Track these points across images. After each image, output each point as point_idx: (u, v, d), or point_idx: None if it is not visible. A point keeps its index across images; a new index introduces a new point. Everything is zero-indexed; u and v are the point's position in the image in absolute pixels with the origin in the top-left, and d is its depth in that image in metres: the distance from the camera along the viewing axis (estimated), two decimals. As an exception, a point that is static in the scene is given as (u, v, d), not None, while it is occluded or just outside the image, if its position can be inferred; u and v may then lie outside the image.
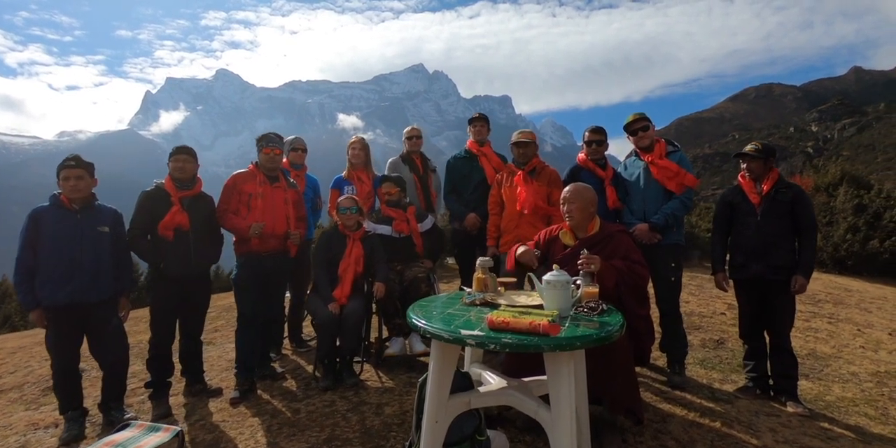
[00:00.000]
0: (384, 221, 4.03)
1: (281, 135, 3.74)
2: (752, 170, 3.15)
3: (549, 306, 2.07)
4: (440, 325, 1.91)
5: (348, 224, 3.67)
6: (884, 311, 6.82)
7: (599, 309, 2.11)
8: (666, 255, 3.40)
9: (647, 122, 3.52)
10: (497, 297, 2.33)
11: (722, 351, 4.24)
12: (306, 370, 3.84)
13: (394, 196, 4.02)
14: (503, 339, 1.75)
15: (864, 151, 65.80)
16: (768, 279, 3.06)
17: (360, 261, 3.63)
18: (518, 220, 3.62)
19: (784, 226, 3.05)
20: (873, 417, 3.01)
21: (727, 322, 5.16)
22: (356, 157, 4.44)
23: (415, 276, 3.72)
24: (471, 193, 4.15)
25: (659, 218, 3.37)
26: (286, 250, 3.62)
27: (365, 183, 4.42)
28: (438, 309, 2.21)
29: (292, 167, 4.37)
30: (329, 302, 3.42)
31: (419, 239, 4.06)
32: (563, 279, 2.04)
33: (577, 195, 2.77)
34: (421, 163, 4.60)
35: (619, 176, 3.68)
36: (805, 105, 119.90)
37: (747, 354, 3.28)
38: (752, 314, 3.21)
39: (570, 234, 2.84)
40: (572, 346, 1.74)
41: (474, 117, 4.30)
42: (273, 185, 3.58)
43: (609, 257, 2.60)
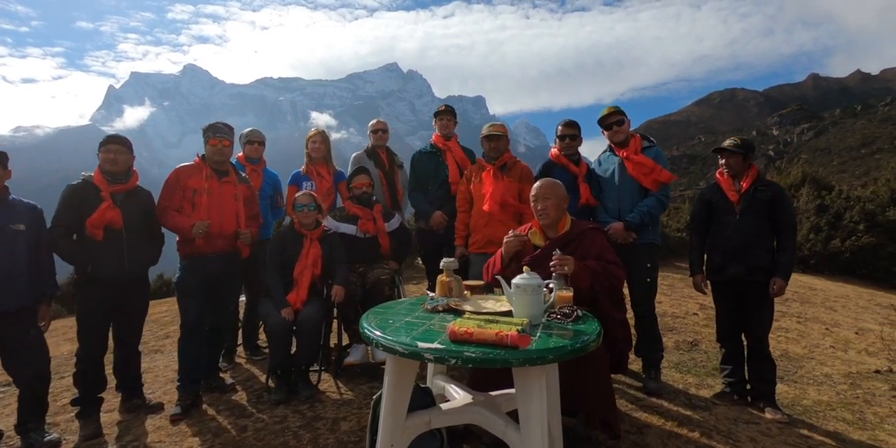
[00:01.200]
0: (348, 220, 3.76)
1: (231, 126, 3.42)
2: (731, 166, 3.02)
3: (518, 313, 1.85)
4: (395, 337, 1.67)
5: (305, 222, 3.39)
6: (848, 309, 6.92)
7: (574, 315, 1.90)
8: (641, 256, 3.24)
9: (622, 116, 3.36)
10: (462, 303, 2.11)
11: (696, 353, 4.14)
12: (260, 380, 3.54)
13: (368, 190, 3.75)
14: (466, 352, 1.52)
15: (821, 155, 68.63)
16: (746, 281, 2.94)
17: (317, 262, 3.35)
18: (488, 217, 3.41)
19: (763, 225, 2.93)
20: (851, 422, 2.91)
21: (700, 323, 5.08)
22: (316, 151, 4.16)
23: (378, 278, 3.47)
24: (437, 190, 3.92)
25: (634, 216, 3.21)
26: (236, 251, 3.31)
27: (325, 178, 4.14)
28: (396, 316, 1.97)
29: (248, 162, 4.05)
30: (282, 307, 3.13)
31: (385, 239, 3.80)
32: (533, 283, 1.83)
33: (551, 191, 2.57)
34: (387, 158, 4.34)
35: (593, 172, 3.52)
36: (767, 110, 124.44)
37: (724, 358, 3.15)
38: (730, 317, 3.08)
39: (541, 234, 2.64)
40: (544, 359, 1.52)
41: (440, 110, 4.07)
42: (221, 180, 3.26)
43: (582, 257, 2.41)
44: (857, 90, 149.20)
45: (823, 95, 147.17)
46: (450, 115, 4.06)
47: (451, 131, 4.08)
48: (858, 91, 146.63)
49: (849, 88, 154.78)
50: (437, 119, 4.08)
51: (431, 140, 4.12)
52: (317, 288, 3.36)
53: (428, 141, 4.21)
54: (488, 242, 3.40)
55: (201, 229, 3.04)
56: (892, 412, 3.08)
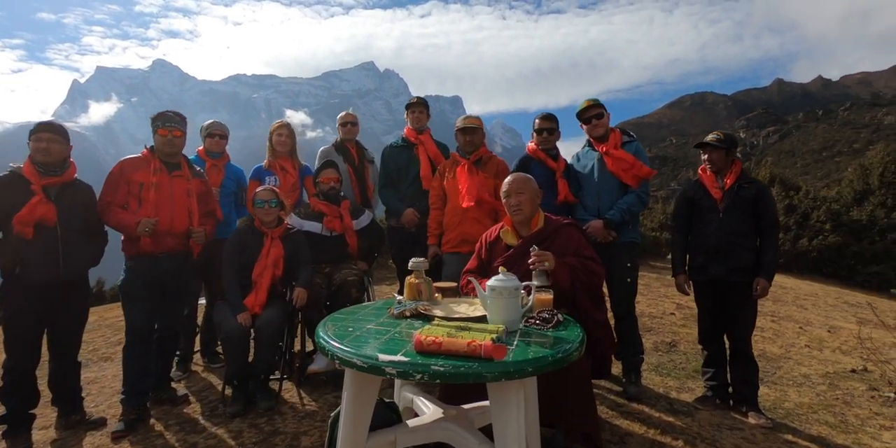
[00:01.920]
0: (313, 217, 3.52)
1: (182, 115, 3.15)
2: (714, 161, 2.91)
3: (493, 319, 1.67)
4: (355, 348, 1.46)
5: (266, 220, 3.14)
6: (818, 307, 7.00)
7: (554, 320, 1.73)
8: (621, 255, 3.11)
9: (602, 109, 3.22)
10: (432, 307, 1.92)
11: (675, 354, 4.04)
12: (216, 391, 3.27)
13: (335, 185, 3.52)
14: (433, 366, 1.32)
15: (786, 157, 71.06)
16: (729, 281, 2.83)
17: (279, 262, 3.11)
18: (462, 215, 3.22)
19: (747, 224, 2.82)
20: (834, 425, 2.83)
21: (677, 323, 5.01)
22: (282, 145, 3.90)
23: (344, 279, 3.24)
24: (408, 186, 3.72)
25: (614, 214, 3.07)
26: (188, 251, 3.04)
27: (290, 173, 3.89)
28: (358, 323, 1.76)
29: (209, 156, 3.77)
30: (239, 311, 2.88)
31: (353, 237, 3.58)
32: (510, 285, 1.65)
33: (524, 185, 2.40)
34: (357, 152, 4.12)
35: (572, 168, 3.37)
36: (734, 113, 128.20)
37: (706, 361, 3.05)
38: (712, 318, 2.97)
39: (513, 233, 2.47)
40: (522, 372, 1.34)
41: (413, 102, 3.87)
42: (172, 173, 2.98)
43: (559, 254, 2.25)
44: (819, 95, 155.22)
45: (788, 100, 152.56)
46: (422, 107, 3.86)
47: (424, 124, 3.88)
48: (820, 96, 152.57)
49: (811, 93, 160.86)
50: (409, 112, 3.87)
51: (403, 133, 3.91)
52: (278, 290, 3.11)
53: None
54: (462, 241, 3.22)
55: (147, 227, 2.77)
56: (872, 413, 3.02)
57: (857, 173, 14.84)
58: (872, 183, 14.08)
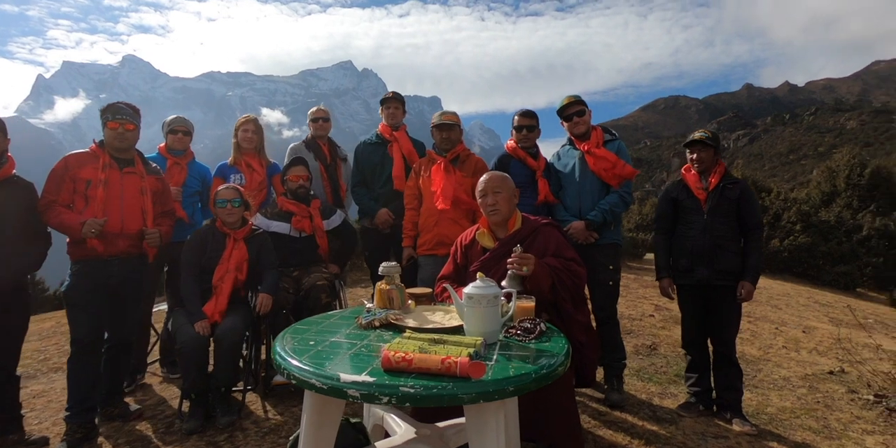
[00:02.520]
0: (281, 217, 3.32)
1: (136, 107, 2.91)
2: (703, 160, 2.82)
3: (471, 330, 1.52)
4: (314, 366, 1.29)
5: (228, 220, 2.93)
6: (791, 307, 7.09)
7: (537, 330, 1.59)
8: (603, 257, 3.00)
9: (583, 106, 3.11)
10: (404, 316, 1.76)
11: (656, 358, 3.97)
12: (173, 405, 3.03)
13: (305, 184, 3.32)
14: (402, 387, 1.17)
15: (755, 159, 73.22)
16: (714, 284, 2.74)
17: (242, 266, 2.90)
18: (438, 215, 3.07)
19: (731, 225, 2.75)
20: (817, 431, 2.78)
21: (657, 325, 4.96)
22: (248, 141, 3.67)
23: (313, 283, 3.05)
24: (382, 185, 3.54)
25: (596, 214, 2.96)
26: (142, 254, 2.81)
27: (257, 171, 3.67)
28: (321, 335, 1.59)
29: (171, 153, 3.53)
30: (197, 319, 2.66)
31: (324, 239, 3.39)
32: (489, 292, 1.50)
33: (501, 184, 2.26)
34: (328, 150, 3.92)
35: (552, 167, 3.25)
36: (706, 116, 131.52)
37: (689, 366, 2.96)
38: (697, 322, 2.88)
39: (489, 235, 2.32)
40: (502, 392, 1.19)
41: (388, 97, 3.70)
42: (123, 170, 2.75)
43: (539, 256, 2.12)
44: (786, 100, 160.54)
45: (757, 104, 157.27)
46: (398, 102, 3.69)
47: (400, 121, 3.71)
48: (787, 101, 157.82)
49: (779, 98, 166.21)
50: (384, 107, 3.70)
51: (377, 130, 3.74)
52: (241, 296, 2.90)
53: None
54: (439, 243, 3.06)
55: (94, 228, 2.53)
56: (853, 417, 2.99)
57: (824, 175, 15.28)
58: (839, 185, 14.52)
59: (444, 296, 2.35)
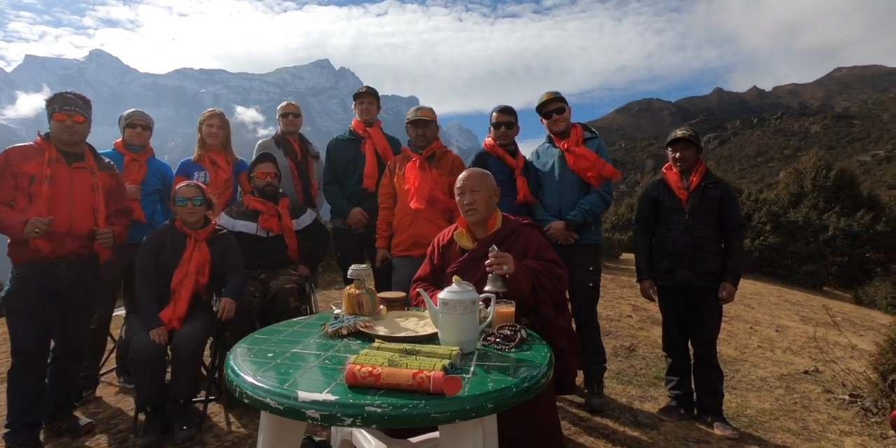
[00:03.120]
0: (247, 216, 3.14)
1: (86, 98, 2.70)
2: (686, 159, 2.76)
3: (446, 338, 1.40)
4: (269, 382, 1.15)
5: (189, 220, 2.74)
6: (763, 306, 7.20)
7: (518, 338, 1.48)
8: (583, 258, 2.92)
9: (563, 103, 3.02)
10: (375, 323, 1.63)
11: (635, 359, 3.93)
12: (129, 417, 2.83)
13: (272, 181, 3.15)
14: (368, 406, 1.04)
15: (725, 162, 75.25)
16: (696, 286, 2.69)
17: (203, 268, 2.72)
18: (413, 215, 2.94)
19: (713, 225, 2.70)
20: (796, 432, 2.75)
21: (635, 326, 4.93)
22: (213, 137, 3.47)
23: (281, 286, 2.88)
24: (356, 183, 3.40)
25: (576, 214, 2.88)
26: (93, 256, 2.60)
27: (222, 168, 3.47)
28: (281, 346, 1.45)
29: (128, 149, 3.30)
30: (153, 326, 2.47)
31: (293, 239, 3.22)
32: (465, 298, 1.39)
33: (480, 182, 2.16)
34: (299, 147, 3.75)
35: (531, 165, 3.16)
36: (679, 119, 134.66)
37: (670, 369, 2.90)
38: (678, 324, 2.83)
39: (468, 235, 2.21)
40: (480, 410, 1.08)
41: (361, 92, 3.55)
42: (72, 165, 2.54)
43: (519, 257, 2.03)
44: (754, 104, 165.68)
45: (726, 108, 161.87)
46: (372, 97, 3.55)
47: (374, 117, 3.57)
48: (755, 105, 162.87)
49: (747, 102, 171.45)
50: (358, 102, 3.55)
51: (351, 126, 3.59)
52: (202, 301, 2.72)
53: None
54: (414, 244, 2.94)
55: (37, 228, 2.32)
56: (831, 418, 2.98)
57: (791, 177, 15.70)
58: (806, 186, 14.92)
59: (420, 299, 2.22)
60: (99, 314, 3.07)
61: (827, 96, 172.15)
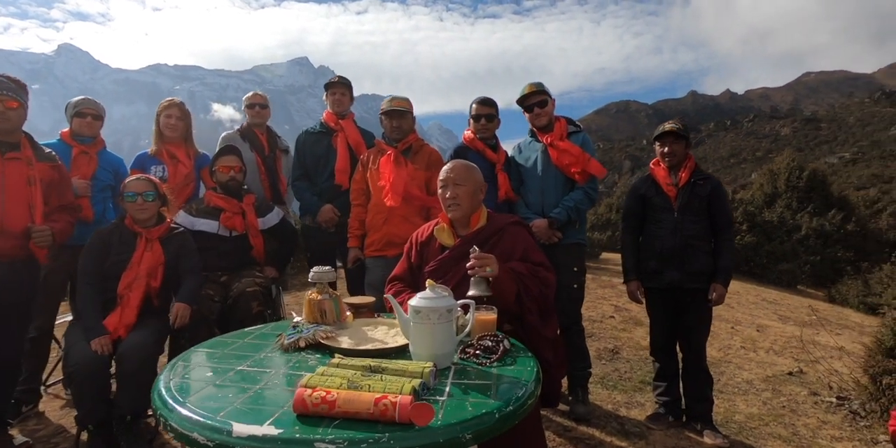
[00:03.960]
0: (209, 214, 2.89)
1: (21, 82, 2.43)
2: (675, 153, 2.62)
3: (418, 352, 1.21)
4: (200, 411, 0.95)
5: (140, 217, 2.50)
6: (742, 305, 7.20)
7: (500, 349, 1.31)
8: (567, 258, 2.77)
9: (545, 96, 2.86)
10: (338, 334, 1.43)
11: (619, 362, 3.80)
12: (72, 434, 2.56)
13: (236, 176, 2.91)
14: (319, 442, 0.84)
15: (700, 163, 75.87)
16: (685, 288, 2.56)
17: (156, 271, 2.47)
18: (388, 213, 2.74)
19: (703, 224, 2.57)
20: (787, 439, 2.65)
21: (617, 327, 4.82)
22: (172, 128, 3.21)
23: (243, 290, 2.65)
24: (326, 180, 3.19)
25: (560, 212, 2.73)
26: (29, 256, 2.34)
27: (182, 162, 3.22)
28: (226, 362, 1.24)
29: (76, 140, 3.02)
30: (94, 335, 2.22)
31: (258, 238, 2.98)
32: (440, 305, 1.20)
33: (465, 175, 1.98)
34: (267, 140, 3.51)
35: (513, 161, 3.00)
36: (655, 121, 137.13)
37: (658, 374, 2.77)
38: (667, 328, 2.69)
39: (450, 231, 2.03)
40: (457, 442, 0.90)
41: (333, 81, 3.32)
42: (5, 155, 2.28)
43: (504, 258, 1.86)
44: (727, 107, 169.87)
45: (701, 110, 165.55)
46: (344, 87, 3.33)
47: (346, 108, 3.35)
48: (728, 108, 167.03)
49: (720, 105, 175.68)
50: (329, 93, 3.33)
51: (322, 118, 3.37)
52: (154, 307, 2.47)
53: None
54: (388, 243, 2.74)
55: (-41, 226, 2.06)
56: (820, 423, 2.89)
57: (765, 177, 15.97)
58: (779, 187, 15.18)
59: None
60: (40, 322, 2.79)
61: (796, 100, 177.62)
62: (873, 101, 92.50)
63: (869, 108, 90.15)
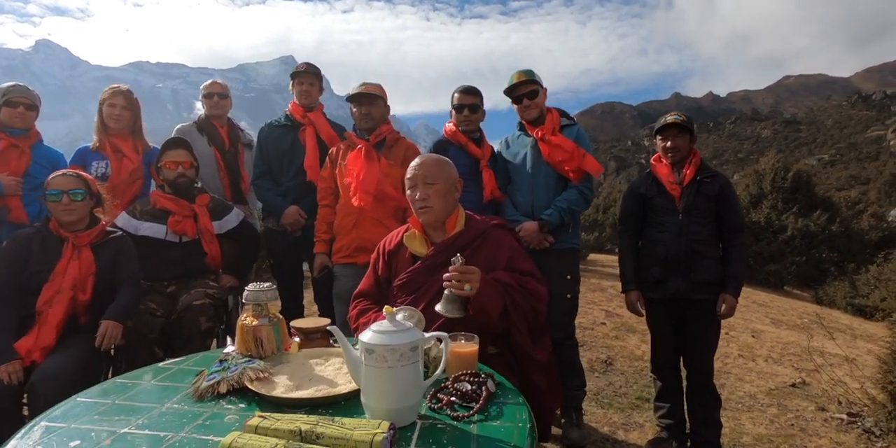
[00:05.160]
0: (155, 217, 2.54)
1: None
2: (679, 148, 2.34)
3: (371, 406, 0.90)
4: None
5: (66, 219, 2.15)
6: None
7: (483, 393, 1.00)
8: (559, 265, 2.48)
9: (536, 86, 2.56)
10: (276, 371, 1.11)
11: (613, 375, 3.53)
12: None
13: (186, 173, 2.57)
14: None
15: (688, 163, 77.87)
16: (691, 298, 2.28)
17: (84, 283, 2.12)
18: (357, 214, 2.42)
19: (710, 227, 2.30)
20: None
21: (609, 334, 4.56)
22: (116, 119, 2.85)
23: (189, 304, 2.30)
24: (292, 178, 2.86)
25: (552, 214, 2.44)
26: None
27: (128, 157, 2.85)
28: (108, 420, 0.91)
29: (5, 132, 2.66)
30: (4, 361, 1.87)
31: (213, 244, 2.64)
32: (401, 342, 0.89)
33: (434, 171, 1.68)
34: (227, 134, 3.17)
35: (499, 156, 2.70)
36: (640, 122, 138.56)
37: (660, 394, 2.49)
38: (670, 342, 2.42)
39: (422, 238, 1.73)
40: None
41: (300, 70, 2.97)
42: None
43: (487, 268, 1.56)
44: (710, 109, 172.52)
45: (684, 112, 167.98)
46: (313, 77, 2.99)
47: (315, 100, 3.02)
48: (711, 110, 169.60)
49: (703, 107, 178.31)
50: (296, 82, 2.99)
51: (287, 110, 3.03)
52: (81, 325, 2.12)
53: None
54: (359, 249, 2.42)
55: None
56: (833, 444, 2.65)
57: (751, 178, 15.97)
58: (765, 187, 15.18)
59: (360, 323, 1.71)
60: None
61: (777, 102, 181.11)
62: (850, 104, 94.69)
63: (846, 110, 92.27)
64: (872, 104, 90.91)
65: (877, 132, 77.06)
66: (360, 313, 1.79)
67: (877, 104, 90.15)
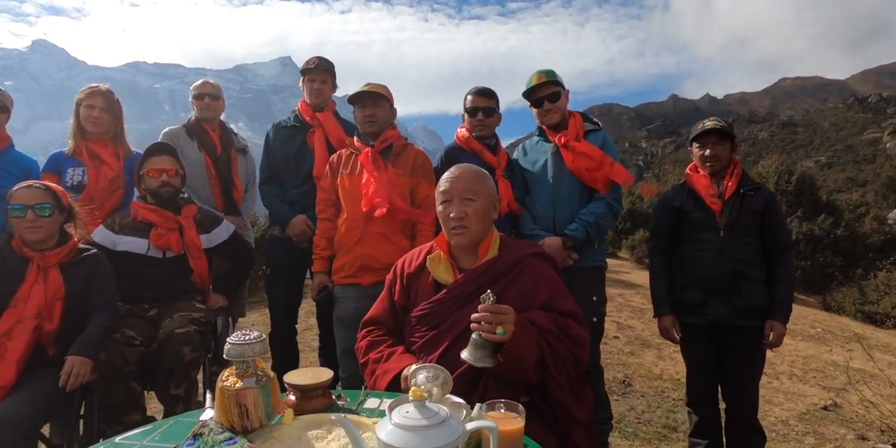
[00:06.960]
0: (136, 230, 2.29)
1: None
2: (720, 157, 2.11)
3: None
4: None
5: (31, 238, 1.89)
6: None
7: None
8: (584, 285, 2.24)
9: (559, 88, 2.33)
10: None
11: (633, 398, 3.29)
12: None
13: (170, 181, 2.31)
14: None
15: (681, 166, 77.92)
16: (734, 325, 2.04)
17: (51, 309, 1.87)
18: (362, 228, 2.17)
19: (755, 246, 2.06)
20: (854, 509, 2.16)
21: (623, 350, 4.33)
22: (94, 122, 2.58)
23: (171, 331, 2.04)
24: (300, 184, 2.62)
25: (577, 228, 2.20)
26: None
27: (108, 164, 2.59)
28: None
29: (-32, 137, 2.42)
30: (-48, 404, 1.61)
31: (200, 260, 2.38)
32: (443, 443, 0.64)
33: (477, 185, 1.45)
34: (220, 138, 2.92)
35: (517, 165, 2.46)
36: (637, 124, 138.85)
37: (696, 430, 2.24)
38: (709, 374, 2.17)
39: (448, 263, 1.48)
40: None
41: (310, 67, 2.70)
42: None
43: (522, 306, 1.32)
44: (707, 111, 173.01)
45: (682, 114, 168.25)
46: (325, 74, 2.70)
47: (327, 99, 2.76)
48: (708, 111, 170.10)
49: (700, 109, 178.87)
50: (307, 79, 2.71)
51: (296, 109, 2.78)
52: (48, 358, 1.86)
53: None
54: (363, 268, 2.17)
55: None
56: (883, 481, 2.42)
57: (755, 181, 15.82)
58: (769, 190, 15.03)
59: (373, 381, 1.45)
60: None
61: (773, 105, 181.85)
62: (847, 107, 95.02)
63: (843, 113, 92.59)
64: (868, 106, 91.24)
65: (873, 134, 77.32)
66: (370, 345, 1.54)
67: (873, 106, 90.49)
